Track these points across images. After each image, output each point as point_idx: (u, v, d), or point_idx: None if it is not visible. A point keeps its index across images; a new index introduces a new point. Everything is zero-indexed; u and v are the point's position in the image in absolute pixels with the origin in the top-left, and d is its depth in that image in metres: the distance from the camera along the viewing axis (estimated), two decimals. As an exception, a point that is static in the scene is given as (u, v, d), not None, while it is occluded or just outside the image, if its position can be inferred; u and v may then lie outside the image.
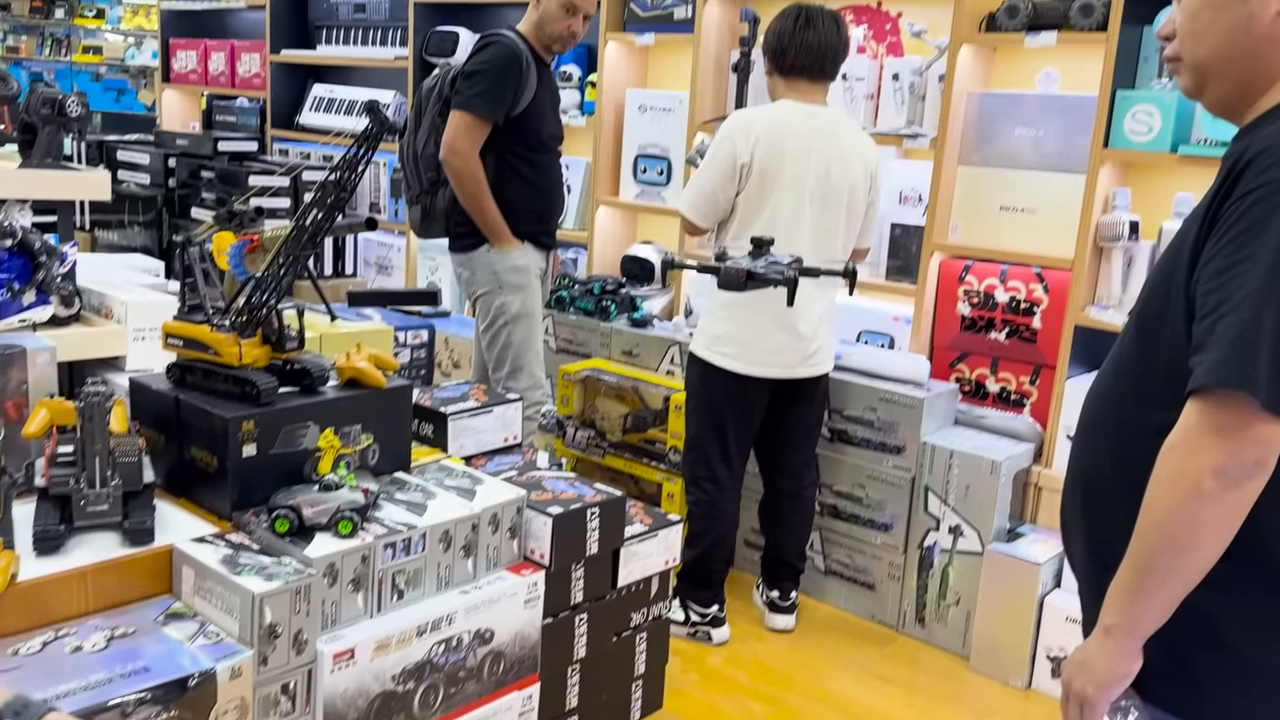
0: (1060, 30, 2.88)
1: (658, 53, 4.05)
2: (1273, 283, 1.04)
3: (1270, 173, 1.07)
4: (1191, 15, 1.23)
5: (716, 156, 2.64)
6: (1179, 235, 1.21)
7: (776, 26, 2.71)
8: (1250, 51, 1.19)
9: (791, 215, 2.65)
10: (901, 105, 3.33)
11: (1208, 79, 1.24)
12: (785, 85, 2.73)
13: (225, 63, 5.49)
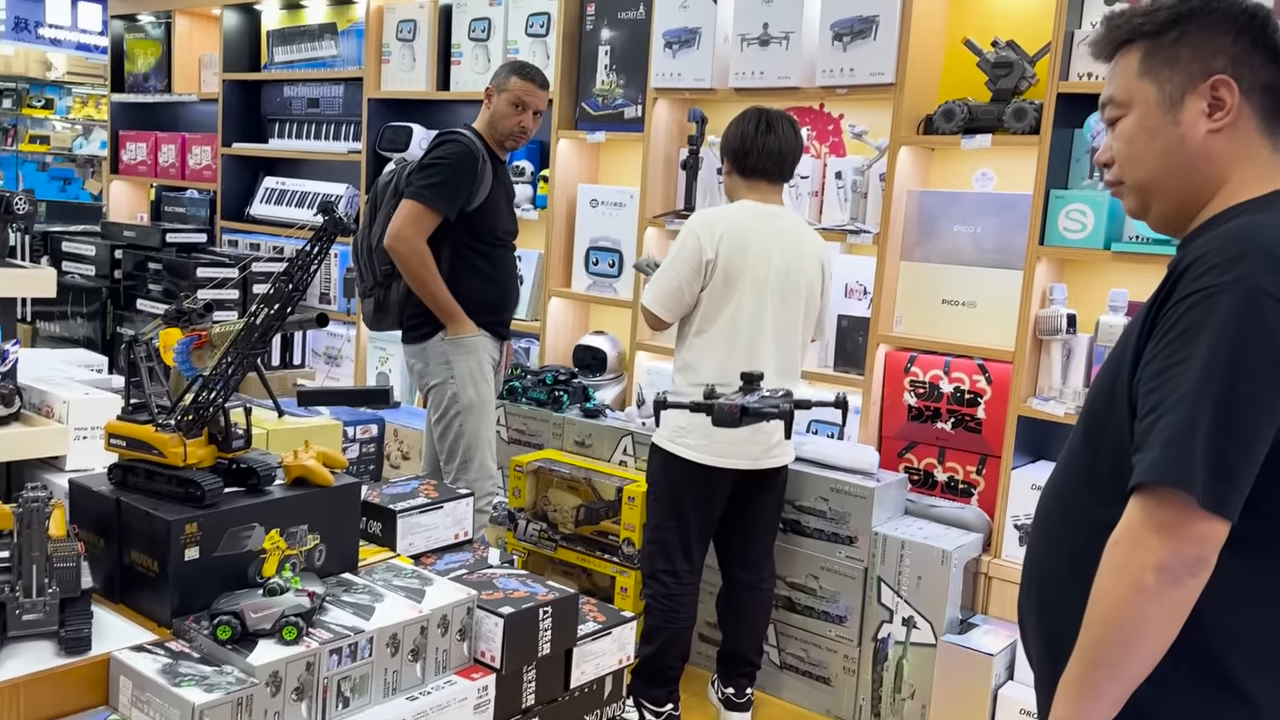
0: (995, 133, 3.01)
1: (609, 150, 4.14)
2: (1207, 384, 1.08)
3: (1204, 279, 1.11)
4: (1127, 141, 1.29)
5: (683, 253, 2.69)
6: (1123, 336, 1.26)
7: (738, 130, 2.77)
8: (1187, 169, 1.25)
9: (753, 311, 2.70)
10: (845, 202, 3.43)
11: (1150, 199, 1.30)
12: (745, 186, 2.79)
13: (176, 154, 5.50)
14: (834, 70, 3.27)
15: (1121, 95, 1.29)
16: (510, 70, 3.12)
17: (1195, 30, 1.23)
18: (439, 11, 4.36)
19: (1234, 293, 1.09)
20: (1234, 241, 1.13)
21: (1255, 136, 1.23)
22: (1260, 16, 1.23)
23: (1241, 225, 1.16)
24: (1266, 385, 1.08)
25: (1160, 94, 1.25)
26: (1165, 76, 1.25)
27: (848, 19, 3.23)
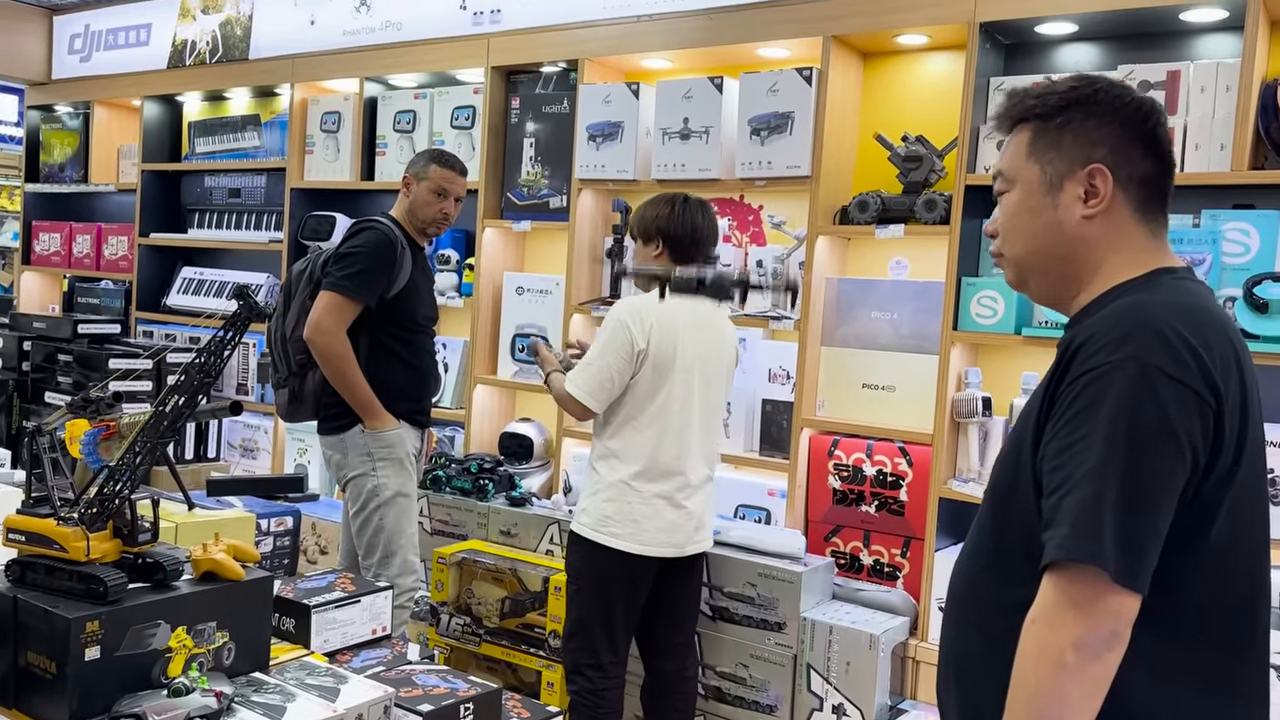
0: (907, 223, 3.12)
1: (534, 238, 4.18)
2: (1109, 460, 1.10)
3: (1097, 357, 1.15)
4: (1009, 216, 1.34)
5: (613, 343, 2.66)
6: (1021, 417, 1.28)
7: (654, 213, 2.77)
8: (1064, 251, 1.29)
9: (682, 398, 2.70)
10: (766, 289, 3.50)
11: (1028, 274, 1.34)
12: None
13: (91, 245, 5.39)
14: (752, 163, 3.36)
15: (1009, 171, 1.34)
16: (429, 159, 3.13)
17: (1081, 118, 1.27)
18: (364, 104, 4.40)
19: (1126, 369, 1.12)
20: (1122, 320, 1.17)
21: (1130, 223, 1.27)
22: (1144, 110, 1.27)
23: (1127, 304, 1.20)
24: (1165, 458, 1.10)
25: (1042, 176, 1.29)
26: (1049, 159, 1.29)
27: (764, 115, 3.34)
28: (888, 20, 3.14)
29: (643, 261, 2.83)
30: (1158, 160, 1.28)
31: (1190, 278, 1.28)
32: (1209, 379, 1.13)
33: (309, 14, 4.53)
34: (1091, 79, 1.31)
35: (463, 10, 4.07)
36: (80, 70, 5.53)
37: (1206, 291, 1.28)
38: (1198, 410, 1.12)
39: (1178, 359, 1.12)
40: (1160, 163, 1.28)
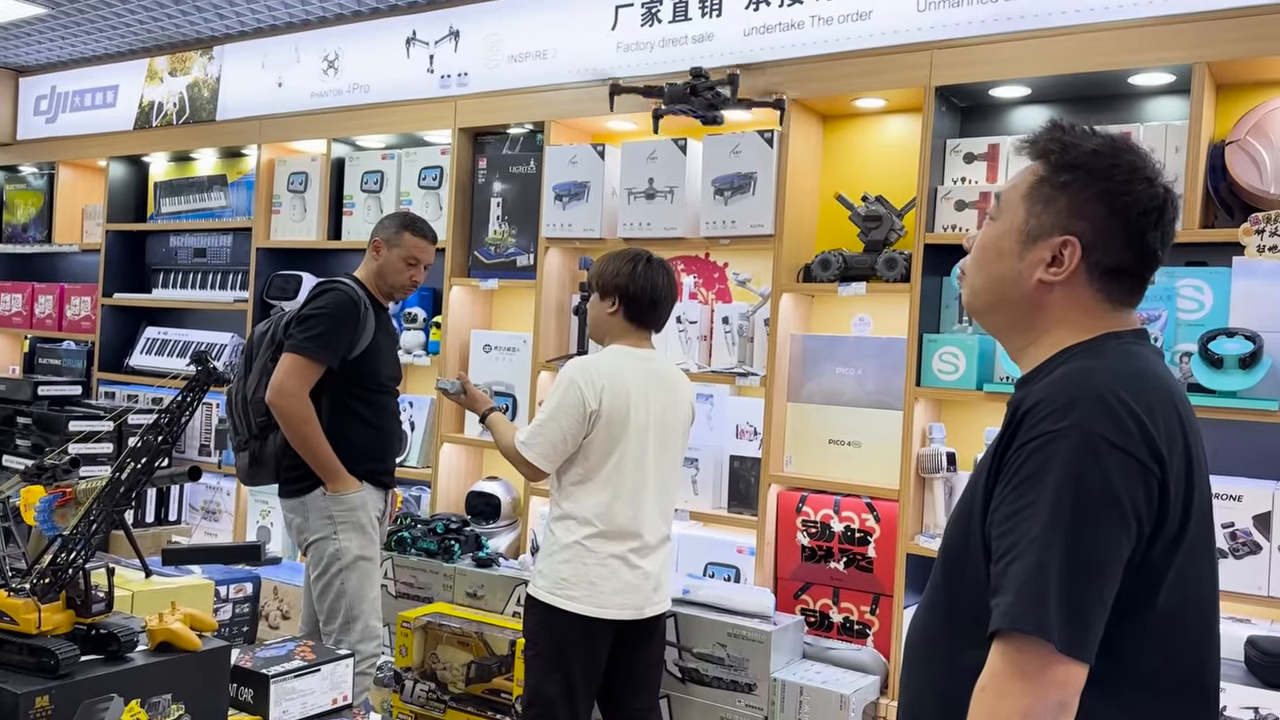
0: (869, 281, 3.16)
1: (501, 296, 4.19)
2: (1054, 529, 1.10)
3: (1044, 424, 1.15)
4: (980, 246, 1.33)
5: (565, 404, 2.64)
6: (971, 479, 1.28)
7: (614, 268, 2.73)
8: (1016, 301, 1.29)
9: (636, 458, 2.68)
10: (733, 346, 3.52)
11: (977, 305, 1.35)
12: (623, 329, 2.75)
13: (53, 305, 5.33)
14: (717, 222, 3.41)
15: (1004, 202, 1.31)
16: (400, 225, 3.11)
17: (1081, 186, 1.24)
18: (331, 164, 4.42)
19: (1071, 437, 1.12)
20: (1067, 387, 1.17)
21: (1089, 299, 1.26)
22: (1144, 205, 1.23)
23: (1073, 371, 1.21)
24: (1109, 527, 1.10)
25: (1025, 224, 1.27)
26: (1037, 211, 1.26)
27: (728, 175, 3.39)
28: (846, 85, 3.21)
29: (595, 316, 2.81)
30: (1138, 255, 1.25)
31: (1138, 341, 1.28)
32: (1152, 446, 1.13)
33: (277, 76, 4.57)
34: (1120, 149, 1.25)
35: (430, 73, 4.12)
36: (46, 131, 5.52)
37: (1154, 355, 1.28)
38: (1141, 478, 1.12)
39: (1121, 427, 1.12)
40: (1140, 258, 1.25)
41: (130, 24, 4.68)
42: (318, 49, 4.43)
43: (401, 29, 4.19)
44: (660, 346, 3.62)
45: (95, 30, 4.81)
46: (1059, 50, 2.84)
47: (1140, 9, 2.73)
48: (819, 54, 3.25)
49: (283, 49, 4.55)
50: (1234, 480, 2.64)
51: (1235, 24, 2.62)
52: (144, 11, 4.48)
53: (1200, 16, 2.66)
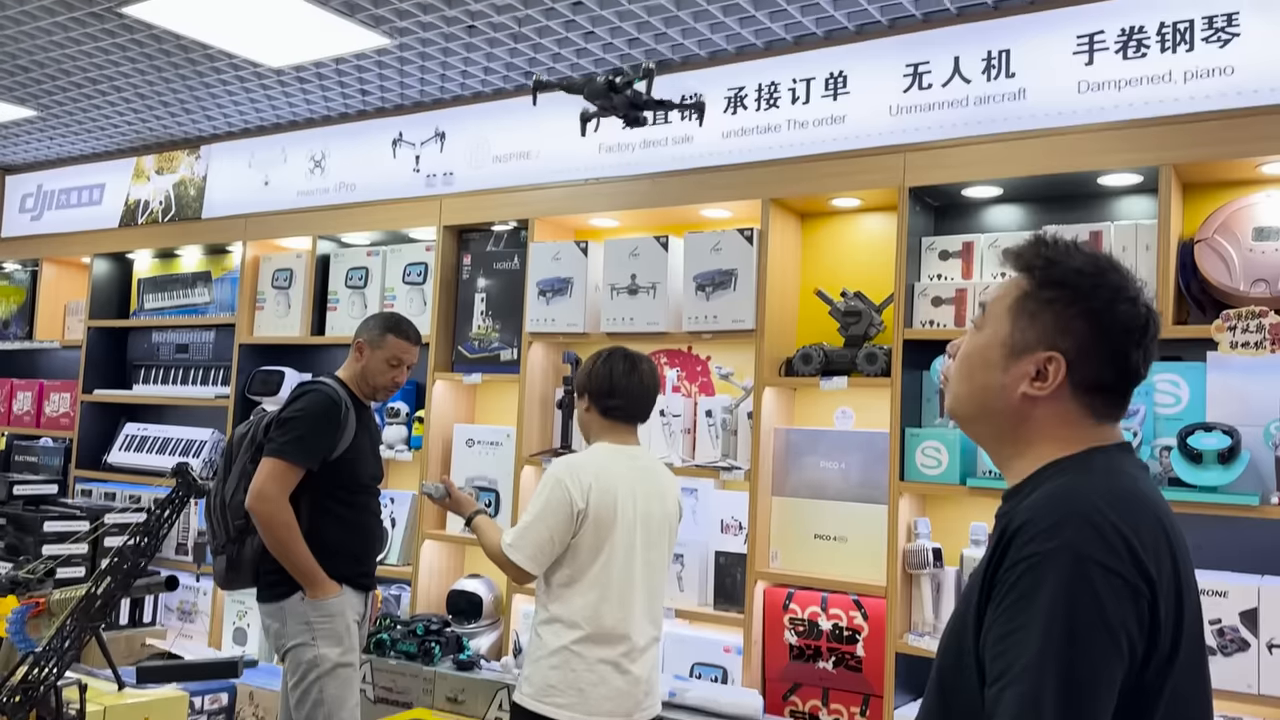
0: (850, 375, 3.18)
1: (485, 390, 4.19)
2: (1046, 654, 1.09)
3: (1034, 544, 1.14)
4: (964, 355, 1.32)
5: (552, 504, 2.60)
6: (963, 598, 1.27)
7: (600, 370, 2.74)
8: (1001, 412, 1.28)
9: (624, 557, 2.65)
10: (716, 439, 3.53)
11: (959, 414, 1.34)
12: (603, 426, 2.75)
13: (32, 402, 5.29)
14: (699, 317, 3.44)
15: (990, 311, 1.30)
16: (385, 328, 3.09)
17: (1067, 303, 1.24)
18: (316, 261, 4.45)
19: (1060, 559, 1.11)
20: (1056, 507, 1.16)
21: (1073, 412, 1.26)
22: (1126, 326, 1.24)
23: (1061, 489, 1.20)
24: (1101, 651, 1.09)
25: (1010, 337, 1.27)
26: (1022, 326, 1.26)
27: (709, 271, 3.44)
28: (822, 185, 3.29)
29: (579, 416, 2.82)
30: (1121, 373, 1.26)
31: (1123, 453, 1.28)
32: (1142, 568, 1.12)
33: (263, 175, 4.63)
34: (1104, 269, 1.26)
35: (416, 173, 4.19)
36: (31, 228, 5.55)
37: (1139, 470, 1.28)
38: (1132, 600, 1.11)
39: (1110, 548, 1.12)
40: (1123, 376, 1.26)
41: (118, 125, 4.75)
42: (305, 149, 4.51)
43: (388, 130, 4.27)
44: (644, 441, 3.62)
45: (84, 130, 4.88)
46: (1029, 152, 2.93)
47: (1106, 114, 2.82)
48: (796, 155, 3.33)
49: (270, 149, 4.62)
50: (1219, 575, 2.64)
51: (1198, 128, 2.71)
52: (133, 114, 4.55)
53: (1164, 120, 2.75)
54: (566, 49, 3.52)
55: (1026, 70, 2.95)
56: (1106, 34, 2.84)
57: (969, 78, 3.04)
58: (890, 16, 3.14)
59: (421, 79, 3.91)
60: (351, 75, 3.91)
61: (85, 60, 3.89)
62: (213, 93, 4.20)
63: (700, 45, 3.44)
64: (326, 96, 4.18)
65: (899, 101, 3.16)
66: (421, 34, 3.44)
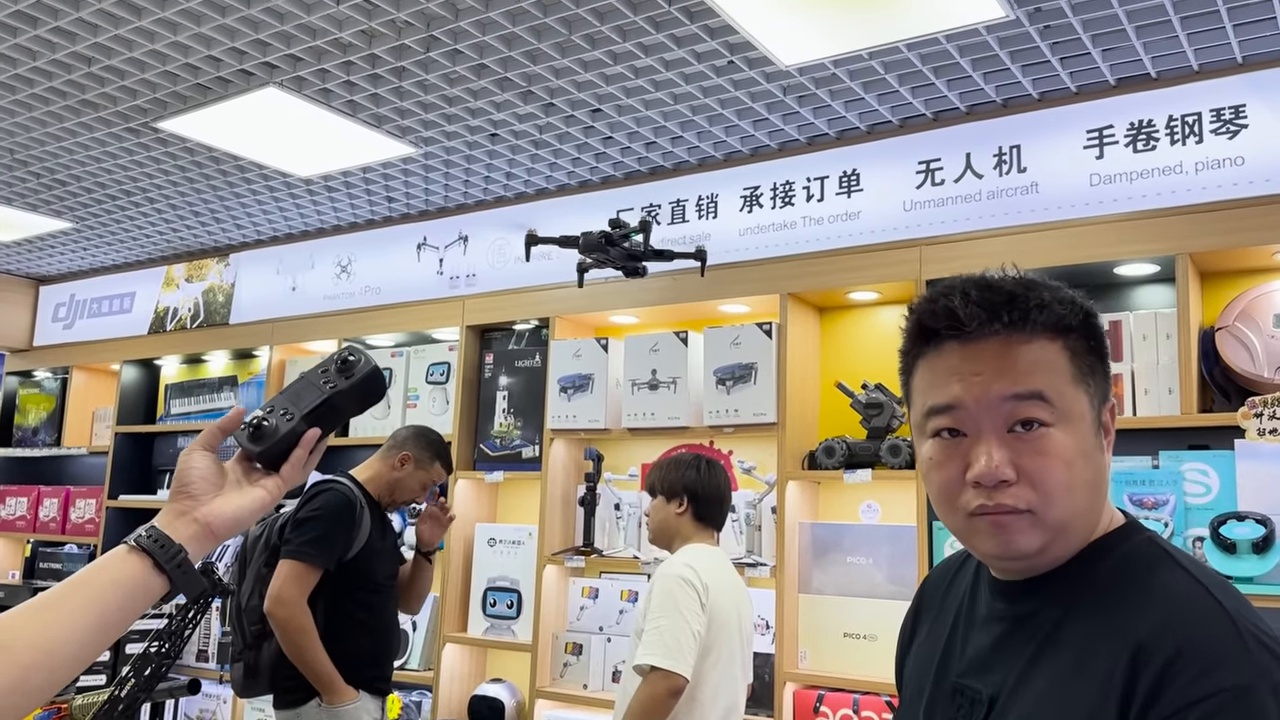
0: (874, 468, 3.16)
1: (506, 489, 4.19)
2: None
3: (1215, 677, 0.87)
4: (1067, 465, 0.98)
5: (684, 603, 2.51)
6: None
7: (680, 472, 2.75)
8: (1098, 506, 1.03)
9: (729, 656, 2.62)
10: (740, 534, 3.49)
11: (1057, 541, 1.00)
12: (694, 529, 2.75)
13: (58, 509, 5.32)
14: (720, 411, 3.45)
15: (1054, 395, 0.98)
16: (435, 455, 3.14)
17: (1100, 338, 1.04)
18: (340, 363, 4.50)
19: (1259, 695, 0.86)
20: (1209, 624, 0.91)
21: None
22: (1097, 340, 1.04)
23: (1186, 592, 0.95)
24: None
25: (1090, 409, 1.01)
26: (1091, 390, 1.01)
27: (729, 366, 3.46)
28: (839, 279, 3.32)
29: (663, 519, 2.78)
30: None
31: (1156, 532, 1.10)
32: None
33: (291, 281, 4.73)
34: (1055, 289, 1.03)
35: (440, 275, 4.27)
36: (62, 337, 5.67)
37: None
38: None
39: None
40: None
41: (150, 235, 4.88)
42: (332, 254, 4.61)
43: (413, 235, 4.37)
44: (667, 538, 3.59)
45: (116, 241, 5.02)
46: (1043, 244, 2.96)
47: (1120, 205, 2.86)
48: (812, 251, 3.38)
49: (298, 255, 4.73)
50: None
51: (1212, 217, 2.73)
52: (164, 224, 4.68)
53: (1178, 210, 2.78)
54: (586, 154, 3.62)
55: (1038, 165, 3.01)
56: (1116, 129, 2.90)
57: (981, 173, 3.10)
58: (901, 116, 3.22)
59: (446, 185, 4.02)
60: (378, 183, 4.02)
61: (121, 173, 4.03)
62: (243, 202, 4.33)
63: (716, 148, 3.53)
64: (354, 204, 4.30)
65: (912, 196, 3.21)
66: (446, 143, 3.55)
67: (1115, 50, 2.74)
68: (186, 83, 3.15)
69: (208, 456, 1.03)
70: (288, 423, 1.02)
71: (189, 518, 0.98)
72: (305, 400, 1.04)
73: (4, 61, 3.06)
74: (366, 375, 1.05)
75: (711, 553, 2.73)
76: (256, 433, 1.02)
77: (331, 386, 1.04)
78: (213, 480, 1.01)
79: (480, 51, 2.87)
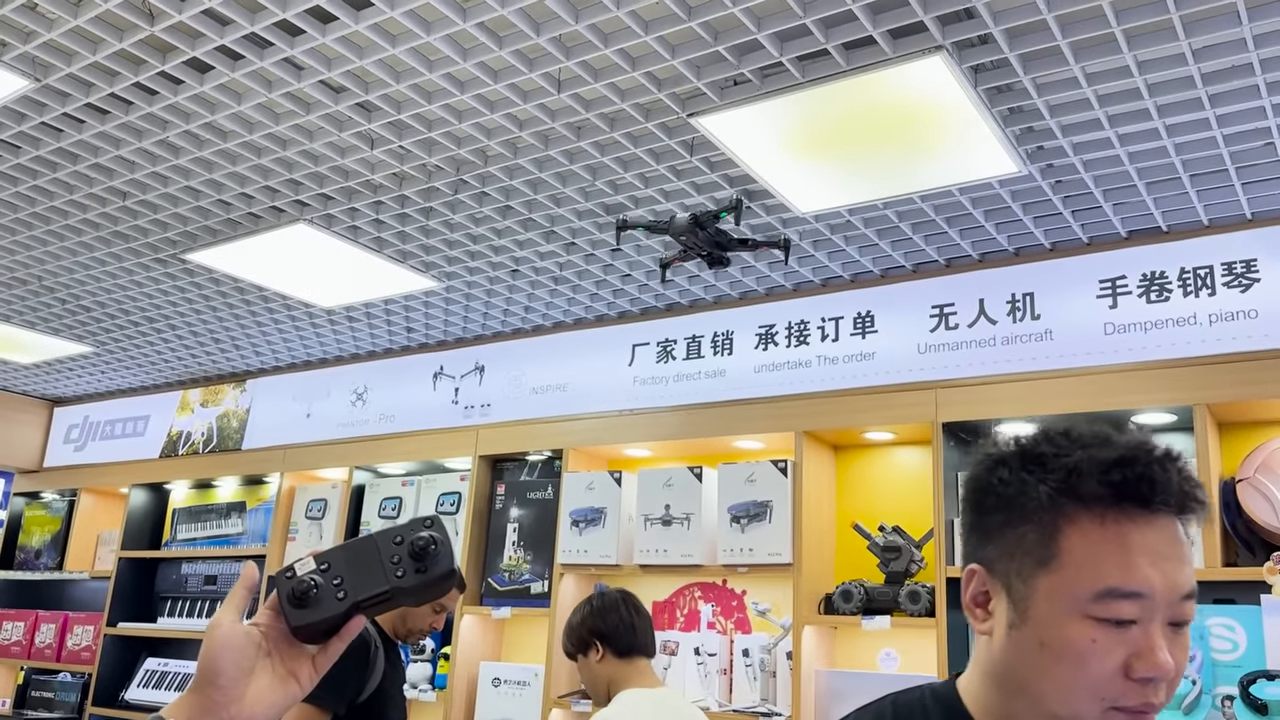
0: (893, 614, 3.10)
1: (513, 625, 4.10)
2: None
3: None
4: (1185, 649, 0.95)
5: None
6: None
7: (601, 611, 2.63)
8: None
9: None
10: (754, 681, 3.40)
11: None
12: (626, 671, 2.60)
13: (54, 634, 5.21)
14: (734, 550, 3.40)
15: (1192, 600, 0.94)
16: None
17: None
18: (351, 491, 4.49)
19: None
20: None
21: None
22: None
23: None
24: None
25: None
26: None
27: (743, 503, 3.43)
28: (855, 419, 3.33)
29: (589, 676, 2.65)
30: None
31: None
32: None
33: (306, 408, 4.75)
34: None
35: (454, 404, 4.29)
36: (73, 459, 5.66)
37: None
38: None
39: None
40: None
41: (169, 359, 4.93)
42: (348, 382, 4.64)
43: (429, 365, 4.41)
44: (679, 681, 3.49)
45: (134, 365, 5.07)
46: (1059, 391, 2.97)
47: (1135, 354, 2.88)
48: (827, 390, 3.39)
49: (314, 383, 4.77)
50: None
51: (1227, 369, 2.75)
52: (184, 349, 4.74)
53: (1193, 361, 2.80)
54: (604, 289, 3.68)
55: (1051, 312, 3.05)
56: (1129, 279, 2.95)
57: (994, 318, 3.14)
58: (914, 262, 3.28)
59: (465, 317, 4.08)
60: (398, 314, 4.08)
61: (145, 301, 4.10)
62: (264, 330, 4.39)
63: (731, 286, 3.59)
64: (373, 333, 4.35)
65: (927, 340, 3.24)
66: (468, 277, 3.62)
67: (1126, 205, 2.81)
68: (218, 217, 3.23)
69: (239, 630, 0.89)
70: (338, 602, 0.87)
71: (216, 718, 0.85)
72: (365, 579, 0.89)
73: (41, 194, 3.15)
74: (440, 575, 0.89)
75: (646, 697, 2.55)
76: (302, 598, 0.87)
77: (400, 575, 0.89)
78: (244, 665, 0.87)
79: (507, 195, 2.96)
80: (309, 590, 0.87)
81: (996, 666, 0.98)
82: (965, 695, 1.02)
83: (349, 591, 0.88)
